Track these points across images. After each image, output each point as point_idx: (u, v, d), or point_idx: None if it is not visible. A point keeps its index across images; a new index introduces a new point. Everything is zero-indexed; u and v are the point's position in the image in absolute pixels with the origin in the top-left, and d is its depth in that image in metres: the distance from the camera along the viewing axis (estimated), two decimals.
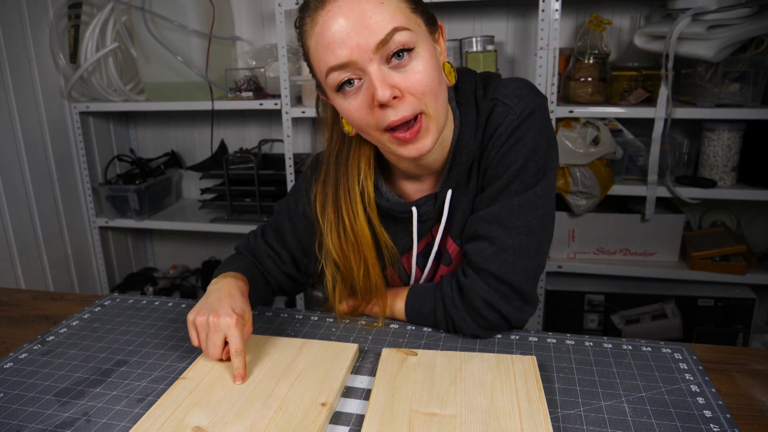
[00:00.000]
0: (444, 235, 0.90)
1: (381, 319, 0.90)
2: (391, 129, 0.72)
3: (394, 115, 0.70)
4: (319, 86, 0.78)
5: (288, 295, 1.02)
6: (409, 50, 0.70)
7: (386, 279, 0.93)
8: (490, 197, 0.81)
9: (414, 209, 0.86)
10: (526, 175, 0.79)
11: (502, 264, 0.79)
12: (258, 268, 0.97)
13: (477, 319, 0.82)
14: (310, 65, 0.76)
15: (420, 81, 0.70)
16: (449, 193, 0.85)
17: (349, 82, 0.71)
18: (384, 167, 0.90)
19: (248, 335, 0.77)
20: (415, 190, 0.89)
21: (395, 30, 0.68)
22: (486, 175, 0.82)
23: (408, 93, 0.70)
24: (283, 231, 0.95)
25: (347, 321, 0.91)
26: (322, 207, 0.87)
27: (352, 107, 0.72)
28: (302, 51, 0.77)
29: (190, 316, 0.77)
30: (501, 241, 0.79)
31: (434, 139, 0.74)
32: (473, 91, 0.82)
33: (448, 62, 0.79)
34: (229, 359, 0.75)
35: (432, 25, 0.76)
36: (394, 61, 0.70)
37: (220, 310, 0.75)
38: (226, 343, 0.75)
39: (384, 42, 0.68)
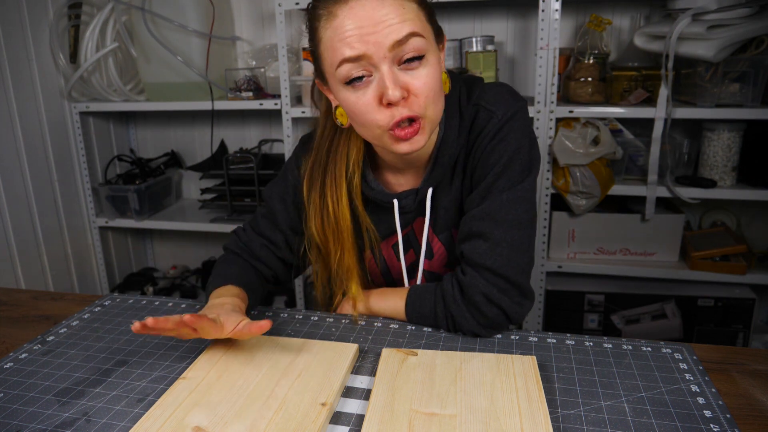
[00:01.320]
0: (429, 231, 0.94)
1: (355, 313, 0.92)
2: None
3: (399, 114, 0.75)
4: (322, 77, 0.81)
5: (282, 284, 1.04)
6: (420, 57, 0.74)
7: (364, 263, 0.98)
8: (480, 196, 0.84)
9: (395, 201, 0.91)
10: (511, 173, 0.83)
11: (497, 258, 0.82)
12: (252, 267, 0.98)
13: (477, 316, 0.82)
14: (318, 54, 0.79)
15: (426, 85, 0.74)
16: (430, 191, 0.89)
17: (359, 77, 0.74)
18: (371, 158, 0.94)
19: (215, 331, 0.74)
20: (398, 183, 0.94)
21: (412, 34, 0.72)
22: (474, 176, 0.86)
23: (414, 95, 0.74)
24: (275, 214, 0.97)
25: (346, 321, 0.91)
26: (309, 191, 0.92)
27: (360, 101, 0.75)
28: (310, 39, 0.79)
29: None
30: (494, 236, 0.82)
31: (426, 140, 0.79)
32: (457, 96, 0.87)
33: (445, 72, 0.84)
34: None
35: (439, 36, 0.81)
36: (405, 64, 0.73)
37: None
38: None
39: (400, 42, 0.72)
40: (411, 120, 0.76)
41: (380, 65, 0.72)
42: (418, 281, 0.99)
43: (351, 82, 0.75)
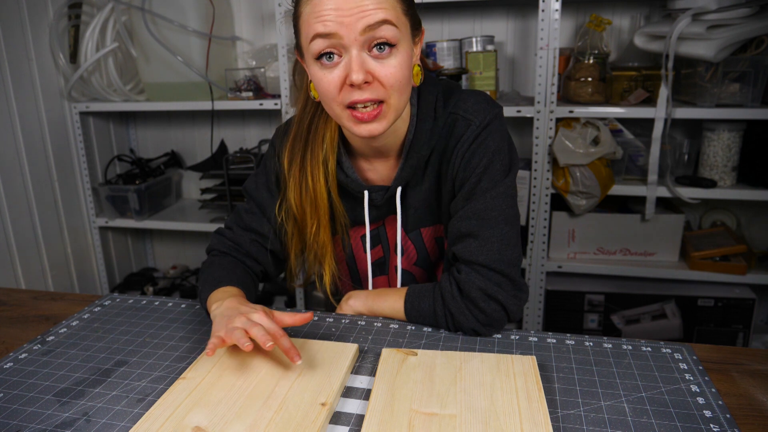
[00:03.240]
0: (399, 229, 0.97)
1: (327, 284, 0.97)
2: (352, 107, 0.79)
3: (359, 96, 0.77)
4: (300, 50, 0.83)
5: (270, 280, 1.05)
6: (391, 46, 0.76)
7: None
8: (465, 197, 0.87)
9: (366, 192, 0.94)
10: (493, 172, 0.86)
11: (488, 254, 0.84)
12: (242, 264, 0.98)
13: (476, 313, 0.83)
14: (297, 28, 0.81)
15: (392, 74, 0.77)
16: (399, 189, 0.93)
17: (330, 55, 0.76)
18: (345, 145, 0.96)
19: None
20: (370, 170, 0.96)
21: (385, 21, 0.74)
22: (456, 181, 0.89)
23: (378, 81, 0.77)
24: (263, 204, 0.98)
25: (346, 321, 0.91)
26: (289, 163, 0.94)
27: (325, 78, 0.78)
28: (294, 13, 0.81)
29: (221, 332, 0.74)
30: (483, 233, 0.85)
31: (386, 126, 0.81)
32: (434, 101, 0.90)
33: (419, 65, 0.86)
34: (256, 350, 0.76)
35: (416, 30, 0.83)
36: (375, 51, 0.76)
37: (243, 310, 0.77)
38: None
39: (372, 27, 0.74)
40: (374, 103, 0.78)
41: (350, 48, 0.74)
42: (392, 277, 1.03)
43: (320, 57, 0.77)
